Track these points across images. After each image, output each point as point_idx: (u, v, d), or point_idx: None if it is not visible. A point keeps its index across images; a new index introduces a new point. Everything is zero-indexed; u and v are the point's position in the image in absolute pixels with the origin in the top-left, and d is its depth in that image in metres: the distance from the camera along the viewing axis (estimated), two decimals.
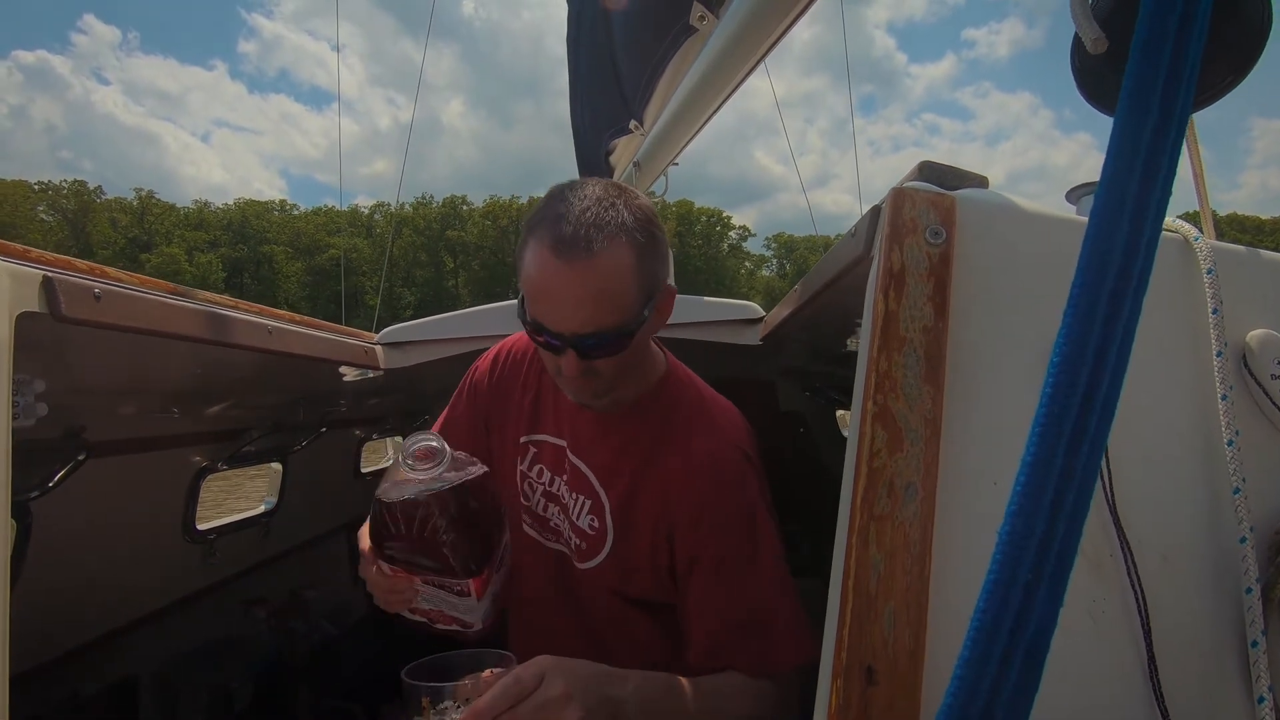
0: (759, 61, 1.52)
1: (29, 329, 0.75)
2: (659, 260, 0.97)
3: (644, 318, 0.96)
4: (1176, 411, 0.70)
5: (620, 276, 0.92)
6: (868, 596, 0.63)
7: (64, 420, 1.13)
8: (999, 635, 0.36)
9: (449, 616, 0.92)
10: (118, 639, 1.49)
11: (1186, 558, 0.67)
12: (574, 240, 0.89)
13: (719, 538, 1.02)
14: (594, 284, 0.90)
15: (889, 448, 0.65)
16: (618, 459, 1.10)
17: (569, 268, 0.89)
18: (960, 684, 0.36)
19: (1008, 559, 0.36)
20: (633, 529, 1.08)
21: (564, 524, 1.15)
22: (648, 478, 1.07)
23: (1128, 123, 0.37)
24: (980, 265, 0.70)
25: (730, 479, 1.04)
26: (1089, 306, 0.37)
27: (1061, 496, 0.36)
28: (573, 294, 0.91)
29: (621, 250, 0.91)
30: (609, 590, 1.11)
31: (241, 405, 1.61)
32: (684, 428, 1.08)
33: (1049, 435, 0.36)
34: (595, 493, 1.11)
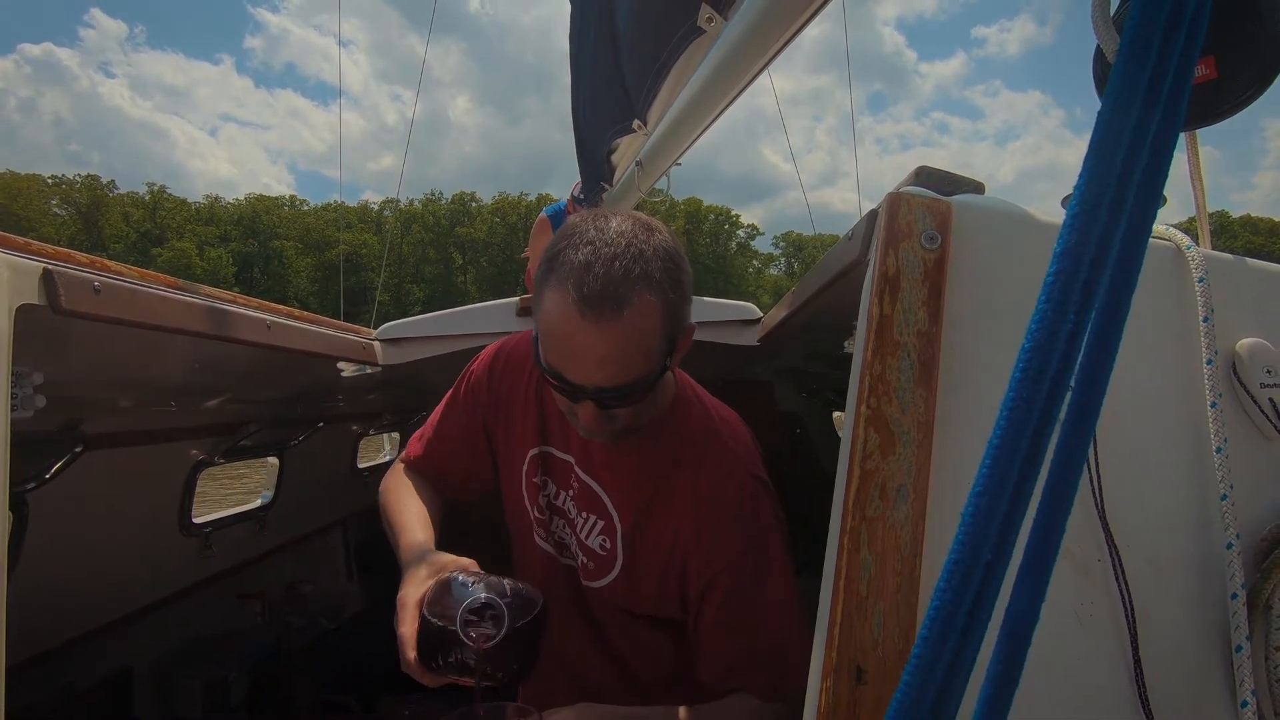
0: (767, 64, 1.51)
1: (28, 321, 0.76)
2: (683, 304, 0.94)
3: (666, 366, 0.94)
4: (1166, 418, 0.70)
5: (647, 333, 0.88)
6: (858, 597, 0.63)
7: (62, 412, 1.14)
8: (958, 614, 0.36)
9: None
10: (114, 631, 1.50)
11: (1174, 562, 0.67)
12: (601, 299, 0.85)
13: (733, 567, 1.01)
14: (619, 344, 0.87)
15: (881, 450, 0.65)
16: (633, 482, 1.08)
17: (595, 328, 0.85)
18: (917, 662, 0.36)
19: (969, 539, 0.37)
20: (643, 555, 1.07)
21: (570, 539, 1.14)
22: (660, 505, 1.06)
23: (1111, 115, 0.38)
24: (975, 270, 0.70)
25: (743, 508, 1.03)
26: (1062, 293, 0.37)
27: (1026, 479, 0.37)
28: (596, 353, 0.87)
29: (649, 306, 0.87)
30: (620, 609, 1.11)
31: (239, 399, 1.62)
32: (696, 453, 1.06)
33: (1016, 418, 0.37)
34: (608, 514, 1.09)
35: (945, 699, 0.37)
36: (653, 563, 1.06)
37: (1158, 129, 0.39)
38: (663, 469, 1.06)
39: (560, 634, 1.16)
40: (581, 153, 2.80)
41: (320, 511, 2.30)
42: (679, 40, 1.69)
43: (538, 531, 1.20)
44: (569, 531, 1.14)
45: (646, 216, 0.95)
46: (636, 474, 1.08)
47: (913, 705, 0.37)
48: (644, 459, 1.07)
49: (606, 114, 2.31)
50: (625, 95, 2.10)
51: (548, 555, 1.19)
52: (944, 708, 0.37)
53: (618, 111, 2.18)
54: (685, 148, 2.12)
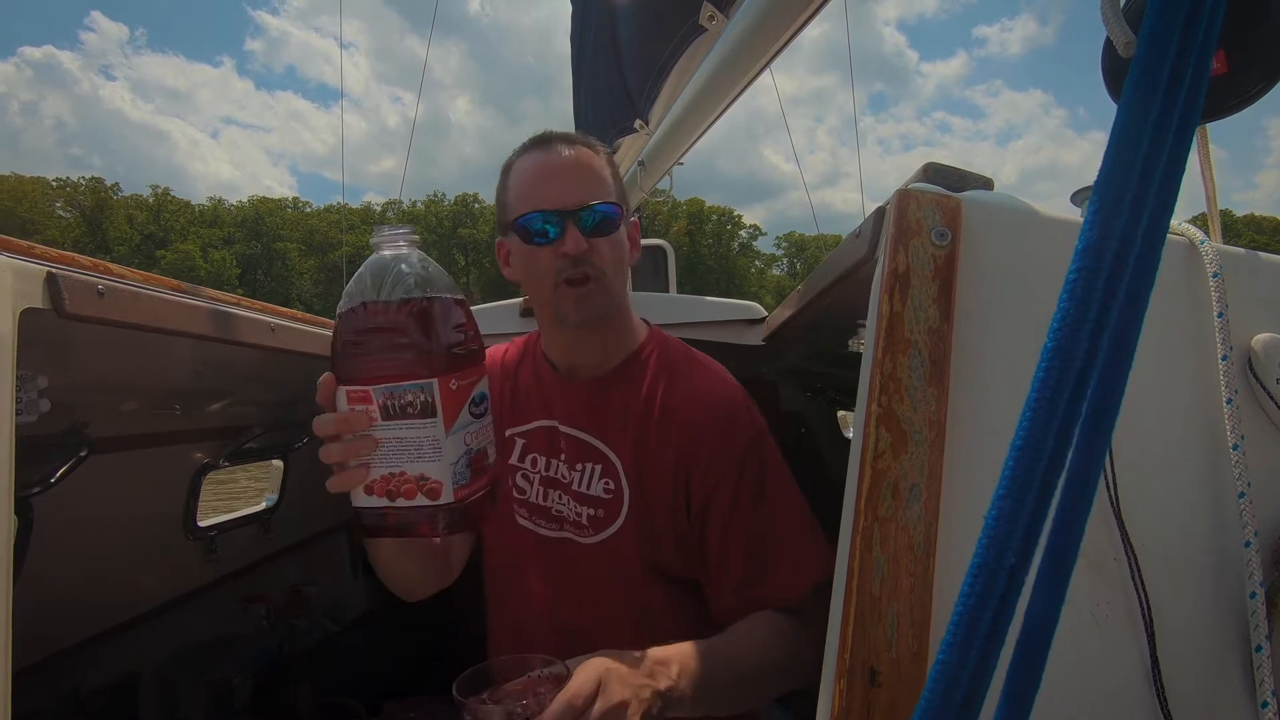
0: (769, 62, 1.51)
1: (32, 325, 0.75)
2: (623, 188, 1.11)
3: (623, 211, 1.07)
4: (1181, 415, 0.69)
5: (599, 165, 1.07)
6: (871, 598, 0.62)
7: (66, 416, 1.14)
8: (982, 619, 0.36)
9: (410, 481, 0.76)
10: (119, 635, 1.49)
11: (1190, 561, 0.66)
12: (554, 140, 1.06)
13: (735, 469, 1.05)
14: (581, 163, 1.05)
15: (893, 450, 0.65)
16: (619, 418, 1.11)
17: (557, 155, 1.04)
18: (944, 666, 0.36)
19: (993, 543, 0.36)
20: (650, 478, 1.08)
21: (568, 504, 1.13)
22: (654, 425, 1.08)
23: (1131, 110, 0.37)
24: (986, 267, 0.70)
25: (736, 412, 1.08)
26: (1084, 292, 0.36)
27: (1049, 482, 0.36)
28: (565, 170, 1.03)
29: (596, 151, 1.08)
30: (629, 563, 1.08)
31: (243, 402, 1.62)
32: (681, 372, 1.13)
33: (1039, 419, 0.36)
34: (603, 455, 1.10)
35: (970, 704, 0.36)
36: (662, 493, 1.07)
37: (1178, 122, 0.38)
38: (648, 393, 1.11)
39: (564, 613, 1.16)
40: None
41: (325, 514, 2.30)
42: (681, 39, 1.69)
43: (519, 512, 1.18)
44: (567, 498, 1.13)
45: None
46: (622, 406, 1.11)
47: (938, 712, 0.36)
48: (627, 390, 1.12)
49: (608, 114, 2.31)
50: (627, 95, 2.10)
51: (533, 534, 1.17)
52: (968, 713, 0.36)
53: (619, 112, 2.18)
54: (687, 147, 2.12)
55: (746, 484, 1.04)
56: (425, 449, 0.75)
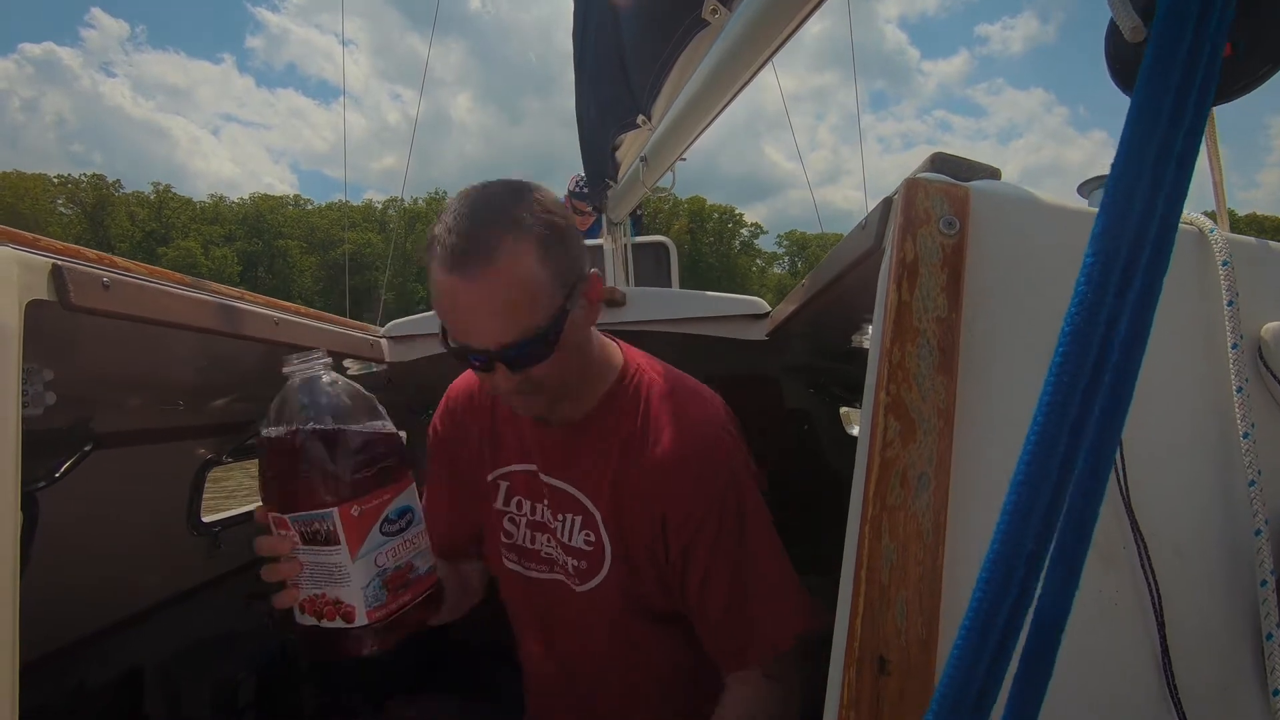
0: (772, 54, 1.50)
1: (38, 317, 0.75)
2: (570, 248, 0.91)
3: (566, 311, 0.90)
4: (1191, 404, 0.69)
5: (527, 275, 0.86)
6: (880, 586, 0.62)
7: (71, 410, 1.14)
8: (1000, 610, 0.36)
9: (329, 603, 0.79)
10: (124, 630, 1.49)
11: (1200, 551, 0.66)
12: (465, 250, 0.84)
13: (712, 520, 1.00)
14: (500, 291, 0.85)
15: (902, 438, 0.65)
16: (596, 466, 1.05)
17: (469, 281, 0.85)
18: (960, 656, 0.36)
19: (1012, 531, 0.36)
20: (629, 533, 1.04)
21: (556, 550, 1.11)
22: (631, 477, 1.03)
23: (1148, 91, 0.36)
24: (994, 257, 0.70)
25: (712, 459, 1.01)
26: (1101, 277, 0.36)
27: (1067, 470, 0.36)
28: (480, 306, 0.86)
29: (520, 247, 0.85)
30: (615, 609, 1.08)
31: (248, 397, 1.62)
32: (656, 419, 1.04)
33: (1056, 405, 0.36)
34: (583, 507, 1.07)
35: (985, 695, 0.36)
36: (640, 538, 1.04)
37: (1195, 104, 0.38)
38: (624, 442, 1.04)
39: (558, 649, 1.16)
40: (585, 149, 2.79)
41: None
42: (683, 33, 1.68)
43: (507, 556, 1.17)
44: (554, 544, 1.11)
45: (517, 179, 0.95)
46: (597, 456, 1.05)
47: (955, 703, 0.36)
48: (601, 439, 1.05)
49: (610, 109, 2.30)
50: (629, 90, 2.09)
51: (522, 577, 1.16)
52: (985, 704, 0.36)
53: (622, 107, 2.17)
54: (690, 142, 2.11)
55: (724, 533, 0.99)
56: (335, 574, 0.78)
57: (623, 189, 2.62)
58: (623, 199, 2.70)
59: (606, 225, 3.00)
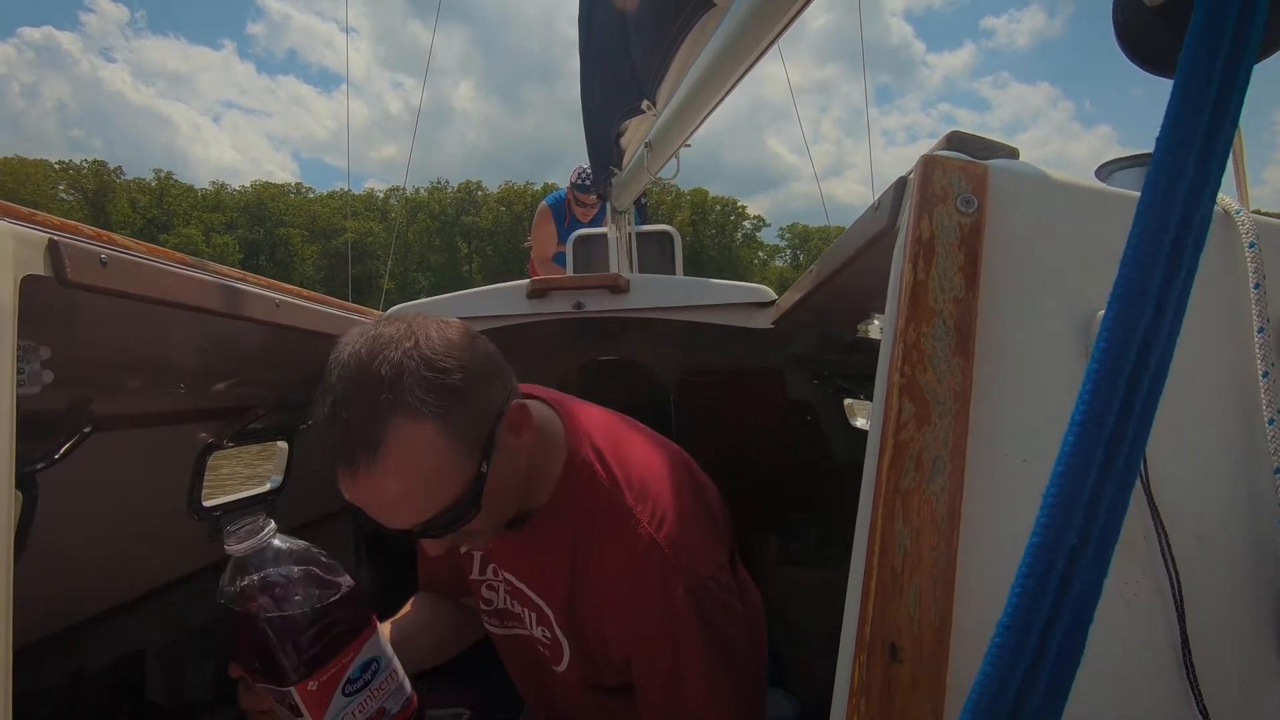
0: (778, 36, 1.48)
1: (34, 293, 0.74)
2: (472, 403, 0.83)
3: (483, 473, 0.84)
4: (1215, 389, 0.67)
5: (425, 462, 0.79)
6: (893, 572, 0.61)
7: (70, 391, 1.12)
8: (1042, 602, 0.34)
9: None
10: (125, 613, 1.49)
11: (1223, 540, 0.64)
12: (348, 453, 0.77)
13: (645, 649, 0.96)
14: (394, 486, 0.79)
15: (916, 421, 0.63)
16: (548, 569, 1.03)
17: (359, 484, 0.78)
18: (1000, 651, 0.34)
19: (1053, 523, 0.34)
20: (584, 632, 1.03)
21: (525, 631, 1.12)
22: (579, 580, 1.00)
23: (1196, 55, 0.34)
24: (1013, 236, 0.68)
25: (647, 596, 0.93)
26: (1149, 255, 0.34)
27: (1112, 459, 0.34)
28: (381, 504, 0.80)
29: (410, 433, 0.77)
30: (583, 688, 1.08)
31: (248, 381, 1.60)
32: (596, 528, 0.97)
33: (1102, 392, 0.34)
34: (536, 605, 1.06)
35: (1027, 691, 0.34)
36: (591, 636, 1.02)
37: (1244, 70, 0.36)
38: (571, 544, 0.99)
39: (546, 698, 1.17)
40: (590, 137, 2.77)
41: (329, 497, 2.29)
42: (688, 15, 1.66)
43: (488, 620, 1.18)
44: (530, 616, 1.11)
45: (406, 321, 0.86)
46: (546, 558, 1.02)
47: (993, 700, 0.34)
48: (549, 540, 1.01)
49: (615, 96, 2.28)
50: (634, 76, 2.07)
51: (505, 636, 1.17)
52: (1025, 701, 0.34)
53: (627, 92, 2.15)
54: (694, 128, 2.09)
55: (657, 666, 0.95)
56: None
57: (627, 176, 2.60)
58: (627, 186, 2.67)
59: (611, 213, 2.97)
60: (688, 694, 0.94)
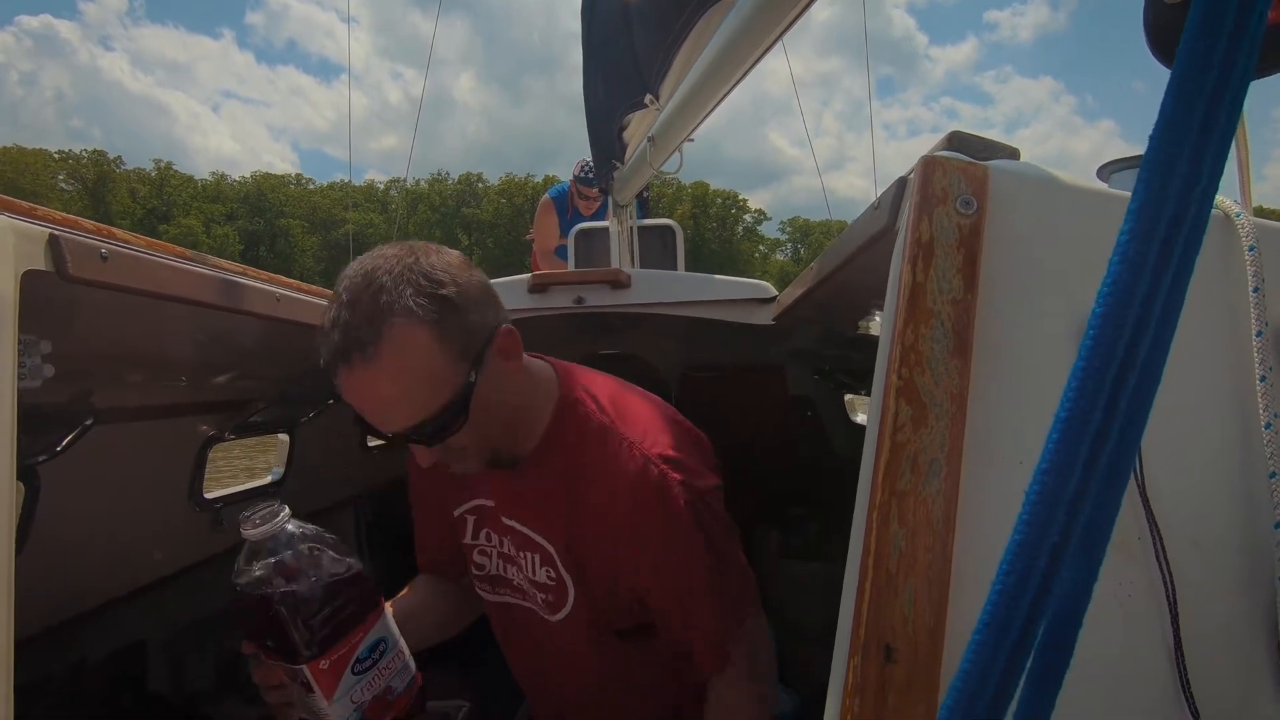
0: (784, 32, 1.47)
1: (35, 288, 0.74)
2: (468, 317, 0.89)
3: (471, 382, 0.88)
4: (1212, 392, 0.67)
5: (417, 363, 0.85)
6: (888, 573, 0.61)
7: (72, 384, 1.13)
8: (1022, 599, 0.34)
9: None
10: (126, 604, 1.50)
11: (1218, 543, 0.65)
12: (346, 349, 0.83)
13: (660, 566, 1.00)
14: (388, 384, 0.85)
15: (913, 423, 0.63)
16: (546, 505, 1.05)
17: (356, 378, 0.84)
18: (979, 648, 0.35)
19: (1036, 520, 0.34)
20: (588, 570, 1.05)
21: (525, 583, 1.12)
22: (580, 515, 1.03)
23: (1191, 57, 0.34)
24: (1013, 238, 0.68)
25: (653, 500, 0.97)
26: (1139, 254, 0.34)
27: (1096, 456, 0.35)
28: (376, 403, 0.86)
29: (407, 335, 0.84)
30: (586, 636, 1.09)
31: (249, 375, 1.61)
32: (596, 457, 1.01)
33: (1087, 390, 0.34)
34: (539, 545, 1.08)
35: (1004, 691, 0.35)
36: (599, 575, 1.05)
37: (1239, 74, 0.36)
38: (569, 480, 1.03)
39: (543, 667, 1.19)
40: (593, 131, 2.76)
41: (330, 489, 2.30)
42: (693, 9, 1.65)
43: (481, 586, 1.20)
44: (523, 576, 1.12)
45: (408, 244, 0.92)
46: (545, 497, 1.05)
47: (971, 699, 0.34)
48: (547, 480, 1.04)
49: (618, 90, 2.27)
50: (637, 70, 2.06)
51: (498, 604, 1.19)
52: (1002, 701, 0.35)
53: (630, 87, 2.14)
54: (698, 123, 2.08)
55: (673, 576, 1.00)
56: (318, 713, 0.84)
57: (629, 171, 2.59)
58: (629, 181, 2.67)
59: (613, 207, 2.97)
60: (697, 607, 1.00)
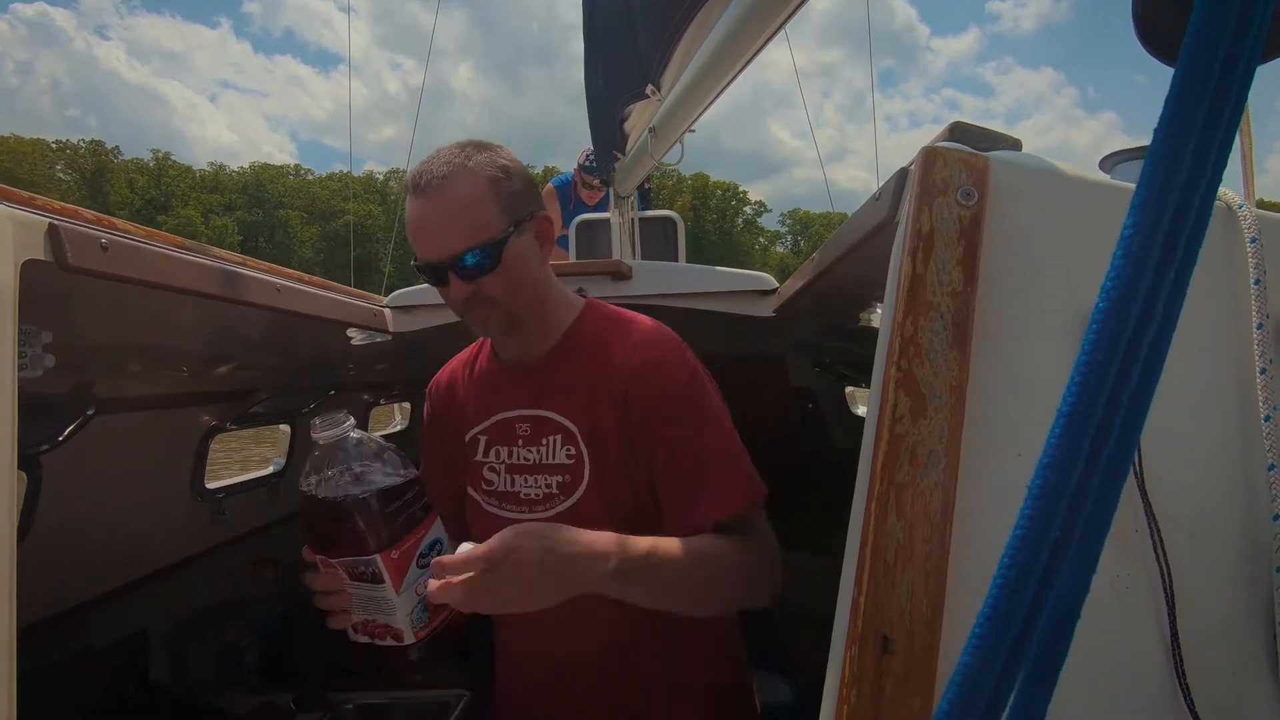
0: (785, 22, 1.47)
1: (35, 278, 0.74)
2: (519, 189, 1.09)
3: (509, 232, 1.06)
4: (1211, 384, 0.67)
5: (473, 197, 1.04)
6: (885, 565, 0.61)
7: (72, 374, 1.13)
8: (1024, 593, 0.34)
9: (380, 626, 0.93)
10: (129, 594, 1.50)
11: (1216, 536, 0.65)
12: (426, 179, 1.04)
13: (674, 408, 1.10)
14: (449, 207, 1.04)
15: (912, 414, 0.63)
16: (568, 387, 1.16)
17: (426, 200, 1.03)
18: (980, 641, 0.34)
19: (1038, 514, 0.34)
20: (604, 439, 1.13)
21: (536, 481, 1.18)
22: (600, 385, 1.14)
23: (1198, 48, 0.34)
24: (1013, 229, 0.68)
25: (669, 355, 1.14)
26: (1143, 248, 0.34)
27: (1099, 452, 0.34)
28: (432, 221, 1.04)
29: (470, 178, 1.05)
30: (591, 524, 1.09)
31: (250, 365, 1.61)
32: (615, 332, 1.17)
33: (1090, 385, 0.34)
34: (560, 425, 1.16)
35: (1004, 686, 0.35)
36: (612, 444, 1.13)
37: (1245, 63, 0.36)
38: (589, 361, 1.16)
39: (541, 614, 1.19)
40: (594, 122, 2.74)
41: None
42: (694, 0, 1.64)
43: (487, 501, 1.23)
44: (534, 477, 1.18)
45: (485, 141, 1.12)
46: (568, 379, 1.16)
47: (972, 689, 0.34)
48: (570, 364, 1.17)
49: (619, 80, 2.26)
50: (638, 60, 2.05)
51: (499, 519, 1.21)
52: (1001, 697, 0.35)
53: (631, 77, 2.13)
54: (699, 113, 2.07)
55: (684, 419, 1.10)
56: (383, 605, 0.91)
57: (630, 162, 2.58)
58: (630, 172, 2.66)
59: (614, 199, 2.96)
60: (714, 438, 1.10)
